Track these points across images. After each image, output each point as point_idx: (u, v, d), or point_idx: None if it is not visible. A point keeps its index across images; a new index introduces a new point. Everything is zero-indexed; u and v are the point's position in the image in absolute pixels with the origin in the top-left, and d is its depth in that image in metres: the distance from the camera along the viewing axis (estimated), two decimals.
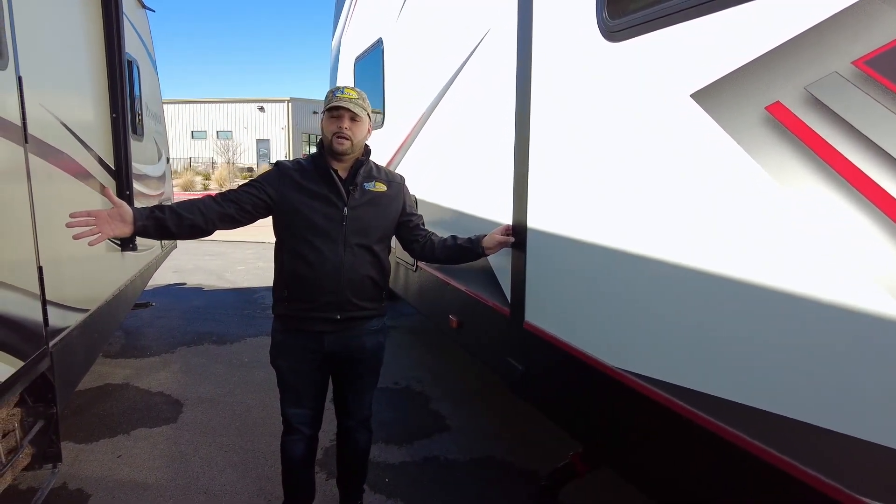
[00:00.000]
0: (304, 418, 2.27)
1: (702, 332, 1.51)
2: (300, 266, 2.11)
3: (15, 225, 2.21)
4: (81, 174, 2.99)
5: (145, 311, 6.04)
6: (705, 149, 1.45)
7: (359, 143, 2.17)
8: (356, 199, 2.15)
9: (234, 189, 2.15)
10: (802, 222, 1.23)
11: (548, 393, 2.38)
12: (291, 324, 2.19)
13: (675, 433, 1.63)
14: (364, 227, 2.15)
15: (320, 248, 2.09)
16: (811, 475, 1.23)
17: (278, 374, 2.27)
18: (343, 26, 5.77)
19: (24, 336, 2.21)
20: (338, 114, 2.10)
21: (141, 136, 4.61)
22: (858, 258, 1.13)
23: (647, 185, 1.67)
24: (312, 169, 2.17)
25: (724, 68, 1.38)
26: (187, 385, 4.13)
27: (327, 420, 2.41)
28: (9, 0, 2.15)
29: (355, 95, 2.12)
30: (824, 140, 1.17)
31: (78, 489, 2.79)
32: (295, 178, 2.14)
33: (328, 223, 2.10)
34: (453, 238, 2.40)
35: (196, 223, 2.03)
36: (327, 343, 2.18)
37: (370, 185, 2.20)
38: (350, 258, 2.12)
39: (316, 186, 2.12)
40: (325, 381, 2.31)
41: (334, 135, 2.10)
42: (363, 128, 2.17)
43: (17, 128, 2.22)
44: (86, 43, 3.21)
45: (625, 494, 2.74)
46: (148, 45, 5.35)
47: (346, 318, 2.16)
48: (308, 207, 2.10)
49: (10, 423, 2.26)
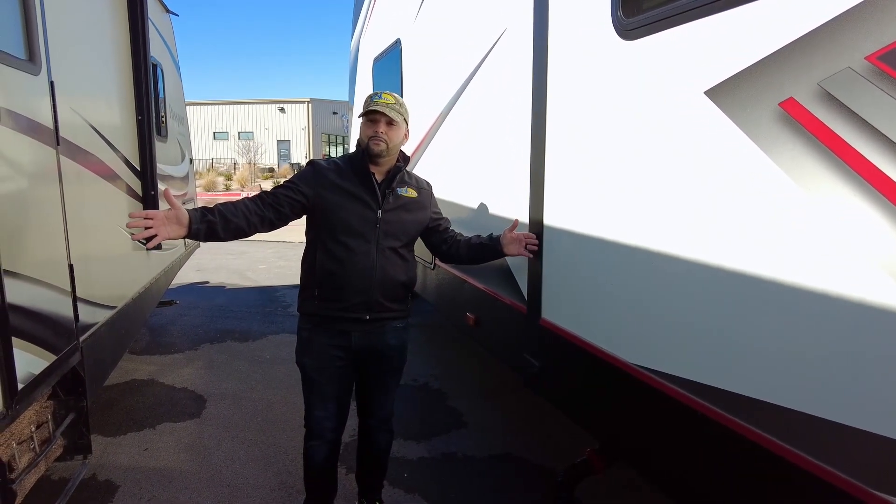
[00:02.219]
0: (328, 421, 2.27)
1: (719, 328, 1.52)
2: (333, 265, 2.13)
3: (48, 224, 2.29)
4: (109, 175, 3.08)
5: (169, 308, 6.19)
6: (719, 146, 1.46)
7: (394, 146, 2.18)
8: (390, 203, 2.18)
9: (271, 191, 2.15)
10: (817, 219, 1.23)
11: (564, 389, 2.40)
12: (320, 322, 2.21)
13: (693, 430, 1.64)
14: (396, 231, 2.19)
15: (354, 249, 2.12)
16: (835, 474, 1.23)
17: (303, 373, 2.27)
18: (362, 27, 5.83)
19: (57, 331, 2.29)
20: (374, 118, 2.12)
21: (165, 138, 4.71)
22: (876, 255, 1.13)
23: (660, 181, 1.68)
24: (350, 170, 2.19)
25: (738, 65, 1.39)
26: (210, 381, 4.22)
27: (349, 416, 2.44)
28: (42, 9, 2.23)
29: (392, 101, 2.14)
30: (838, 136, 1.17)
31: (107, 480, 2.88)
32: (331, 178, 2.15)
33: (363, 225, 2.13)
34: (477, 237, 2.44)
35: (240, 227, 2.03)
36: (354, 341, 2.20)
37: (402, 190, 2.24)
38: (382, 260, 2.15)
39: (352, 187, 2.14)
40: (350, 382, 2.32)
41: (370, 138, 2.13)
42: (399, 133, 2.19)
43: (50, 131, 2.30)
44: (112, 47, 3.31)
45: (641, 491, 2.75)
46: (171, 48, 5.47)
47: (375, 318, 2.20)
48: (344, 208, 2.12)
49: (44, 415, 2.35)
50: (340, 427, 2.33)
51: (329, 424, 2.27)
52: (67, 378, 2.46)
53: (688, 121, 1.56)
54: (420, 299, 4.53)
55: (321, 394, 2.26)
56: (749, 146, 1.37)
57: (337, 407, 2.28)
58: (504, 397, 3.92)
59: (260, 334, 5.36)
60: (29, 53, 2.17)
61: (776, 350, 1.35)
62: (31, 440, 2.21)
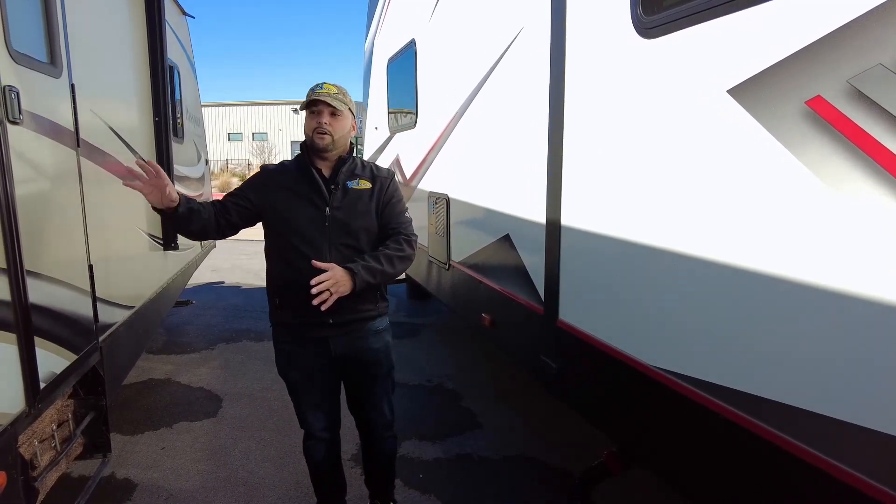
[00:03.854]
0: (322, 424, 2.25)
1: (743, 330, 1.49)
2: (287, 271, 2.04)
3: (68, 225, 2.32)
4: (127, 176, 3.11)
5: (186, 308, 6.24)
6: (743, 146, 1.43)
7: (340, 138, 2.07)
8: (338, 199, 2.06)
9: (221, 199, 2.09)
10: (847, 220, 1.20)
11: (582, 391, 2.38)
12: (294, 332, 2.13)
13: (714, 433, 1.61)
14: (348, 228, 2.06)
15: (305, 252, 2.00)
16: (860, 478, 1.20)
17: (290, 386, 2.22)
18: (376, 28, 5.84)
19: (77, 331, 2.32)
20: (317, 109, 2.02)
21: (181, 139, 4.75)
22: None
23: (682, 182, 1.66)
24: (295, 169, 2.11)
25: (762, 63, 1.36)
26: (226, 381, 4.25)
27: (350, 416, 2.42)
28: (63, 13, 2.26)
29: (335, 90, 2.03)
30: (869, 134, 1.15)
31: (125, 478, 2.91)
32: (278, 181, 2.08)
33: (311, 225, 2.03)
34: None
35: (206, 227, 2.01)
36: (333, 347, 2.13)
37: (353, 183, 2.10)
38: (337, 260, 1.98)
39: (298, 187, 2.06)
40: (337, 385, 2.27)
41: (314, 130, 2.03)
42: (344, 123, 2.08)
43: (71, 133, 2.33)
44: (130, 50, 3.34)
45: (659, 494, 2.72)
46: (188, 50, 5.52)
47: (341, 322, 2.09)
48: (290, 210, 2.04)
49: (65, 414, 2.37)
50: (335, 424, 2.31)
51: (322, 425, 2.26)
52: (87, 377, 2.49)
53: (710, 120, 1.54)
54: (434, 299, 4.52)
55: (310, 401, 2.22)
56: (774, 145, 1.34)
57: (328, 407, 2.26)
58: (519, 398, 3.90)
59: None
60: (51, 56, 2.19)
61: (803, 354, 1.32)
62: (53, 438, 2.24)
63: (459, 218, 3.68)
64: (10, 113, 1.82)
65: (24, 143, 1.95)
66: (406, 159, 4.90)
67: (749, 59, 1.40)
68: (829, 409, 1.25)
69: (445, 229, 3.87)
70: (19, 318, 1.85)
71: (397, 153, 5.19)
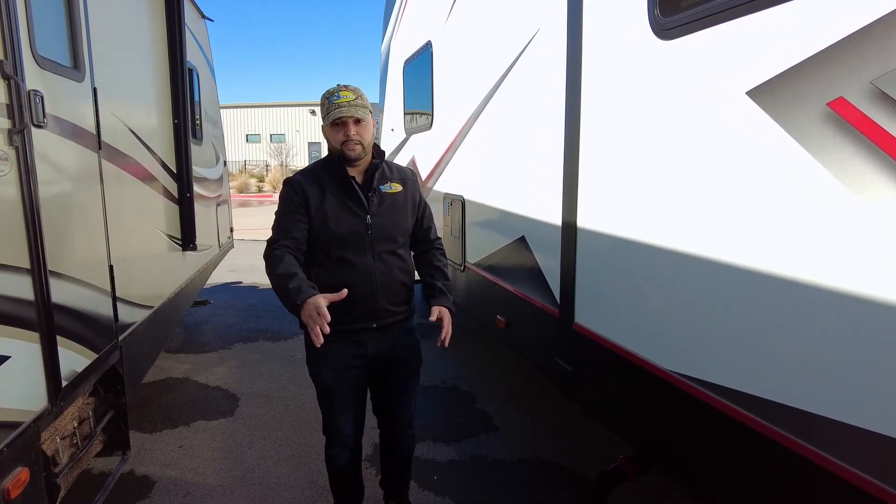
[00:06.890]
0: (349, 428, 2.25)
1: (761, 336, 1.47)
2: (333, 280, 2.02)
3: (89, 226, 2.36)
4: (147, 177, 3.16)
5: (204, 308, 6.31)
6: (763, 148, 1.41)
7: (369, 144, 2.08)
8: (376, 206, 2.08)
9: (282, 231, 2.05)
10: (868, 222, 1.18)
11: (598, 395, 2.36)
12: (331, 335, 2.07)
13: (730, 437, 1.59)
14: (389, 233, 2.11)
15: (351, 261, 2.05)
16: (876, 485, 1.18)
17: (321, 387, 2.22)
18: (392, 30, 5.86)
19: (98, 330, 2.36)
20: (341, 121, 2.02)
21: (200, 141, 4.81)
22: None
23: (701, 184, 1.64)
24: (329, 178, 2.08)
25: (783, 64, 1.34)
26: (243, 380, 4.29)
27: (371, 419, 2.41)
28: (86, 18, 2.30)
29: (353, 97, 2.01)
30: (894, 137, 1.12)
31: (144, 475, 2.95)
32: (315, 192, 2.06)
33: (354, 234, 2.05)
34: (431, 274, 2.26)
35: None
36: (370, 349, 2.16)
37: (386, 187, 2.13)
38: (380, 266, 2.08)
39: (336, 197, 2.06)
40: (365, 387, 2.28)
41: (343, 144, 2.02)
42: (370, 128, 2.07)
43: (92, 136, 2.37)
44: (151, 53, 3.39)
45: (675, 498, 2.68)
46: (206, 52, 5.58)
47: (382, 325, 2.14)
48: (333, 220, 2.05)
49: (85, 412, 2.42)
50: (360, 432, 2.32)
51: (350, 431, 2.26)
52: (107, 376, 2.53)
53: (729, 122, 1.52)
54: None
55: (342, 403, 2.22)
56: (794, 148, 1.32)
57: (356, 413, 2.27)
58: (534, 400, 3.89)
59: (292, 334, 5.42)
60: (74, 61, 2.23)
61: (821, 361, 1.30)
62: (74, 436, 2.28)
63: (475, 219, 3.68)
64: (34, 117, 1.86)
65: (48, 146, 1.99)
66: (422, 160, 4.91)
67: (769, 60, 1.38)
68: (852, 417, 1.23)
69: (461, 231, 3.87)
70: (42, 318, 1.89)
71: (413, 154, 5.20)
